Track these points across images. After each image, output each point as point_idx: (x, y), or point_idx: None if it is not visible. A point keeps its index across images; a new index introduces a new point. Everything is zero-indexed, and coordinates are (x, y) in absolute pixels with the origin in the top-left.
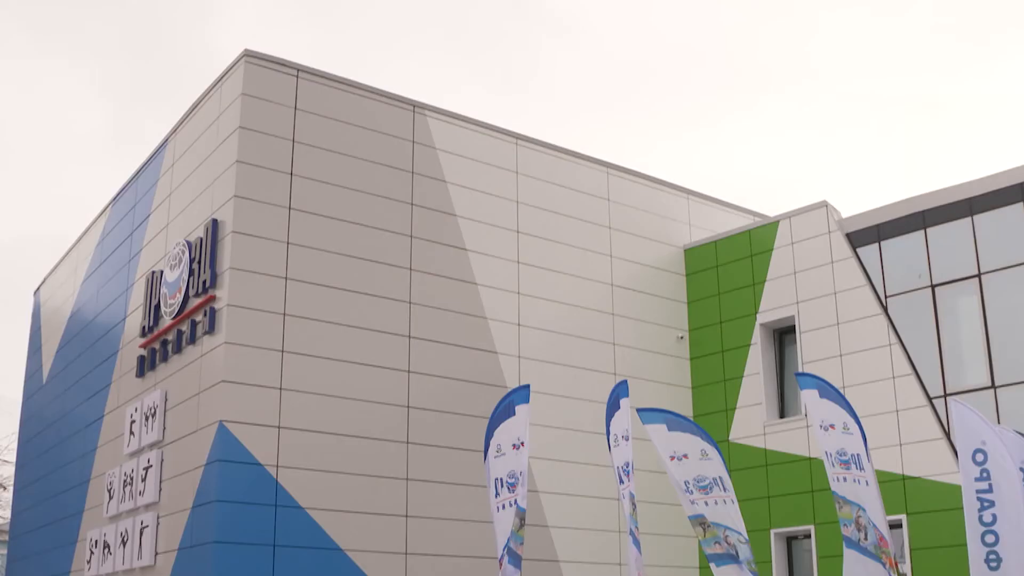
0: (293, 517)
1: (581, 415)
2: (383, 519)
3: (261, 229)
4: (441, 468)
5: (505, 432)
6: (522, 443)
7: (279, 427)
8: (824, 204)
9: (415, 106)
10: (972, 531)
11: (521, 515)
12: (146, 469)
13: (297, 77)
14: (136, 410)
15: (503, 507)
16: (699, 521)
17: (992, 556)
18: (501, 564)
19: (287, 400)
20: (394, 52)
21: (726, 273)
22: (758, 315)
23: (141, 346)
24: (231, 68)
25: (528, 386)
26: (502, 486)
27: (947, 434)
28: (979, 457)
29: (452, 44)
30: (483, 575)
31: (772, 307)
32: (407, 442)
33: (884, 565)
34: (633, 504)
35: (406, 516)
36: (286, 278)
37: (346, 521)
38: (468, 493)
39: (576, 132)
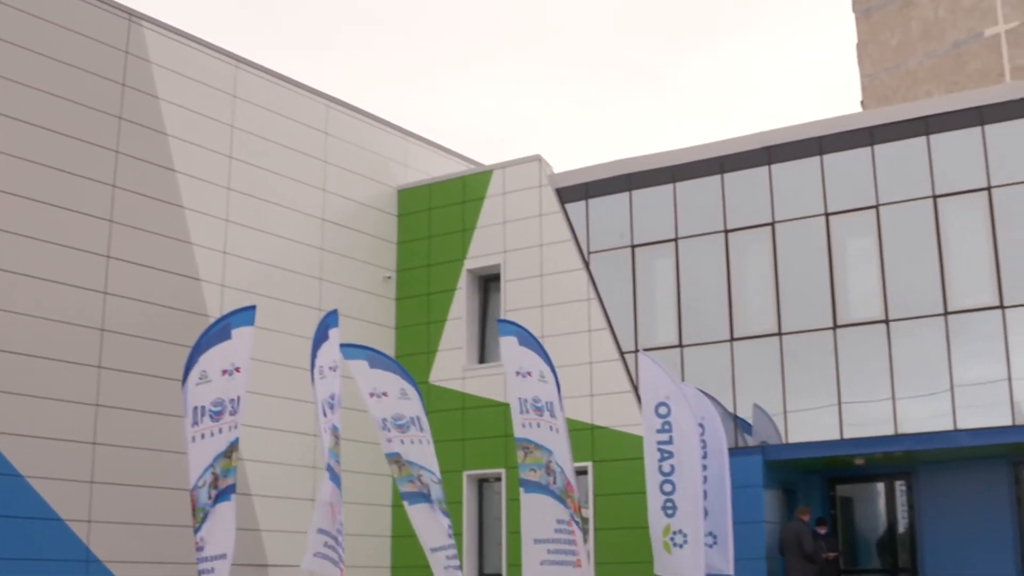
0: None
1: (282, 348)
2: (68, 446)
3: None
4: (134, 395)
5: (214, 357)
6: (237, 369)
7: None
8: (538, 158)
9: (131, 15)
10: (652, 480)
11: (234, 446)
12: None
13: None
14: None
15: (201, 437)
16: (395, 459)
17: (669, 504)
18: (193, 495)
19: None
20: None
21: (437, 217)
22: (465, 261)
23: None
24: None
25: (253, 308)
26: (203, 415)
27: (635, 388)
28: (662, 410)
29: None
30: (173, 506)
31: (480, 254)
32: (99, 366)
33: (569, 509)
34: (336, 438)
35: (94, 443)
36: None
37: (28, 446)
38: (163, 422)
39: (303, 66)
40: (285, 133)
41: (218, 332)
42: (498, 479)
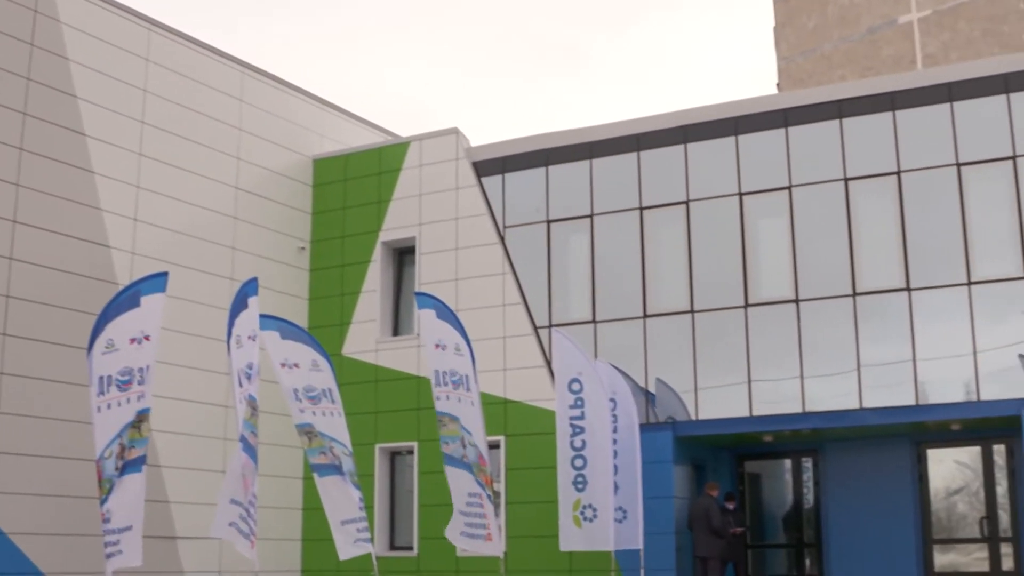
0: None
1: (193, 318)
2: None
3: None
4: (40, 363)
5: (122, 325)
6: (146, 337)
7: None
8: (455, 131)
9: None
10: (563, 454)
11: (143, 416)
12: None
13: None
14: None
15: (107, 407)
16: (306, 430)
17: (579, 478)
18: (99, 466)
19: None
20: None
21: (353, 188)
22: (381, 233)
23: None
24: None
25: (165, 274)
26: (109, 384)
27: (548, 363)
28: (575, 386)
29: None
30: (79, 477)
31: (395, 226)
32: (4, 334)
33: (481, 483)
34: (253, 408)
35: None
36: None
37: None
38: (70, 391)
39: (219, 31)
40: (199, 99)
41: (127, 299)
42: (410, 452)
